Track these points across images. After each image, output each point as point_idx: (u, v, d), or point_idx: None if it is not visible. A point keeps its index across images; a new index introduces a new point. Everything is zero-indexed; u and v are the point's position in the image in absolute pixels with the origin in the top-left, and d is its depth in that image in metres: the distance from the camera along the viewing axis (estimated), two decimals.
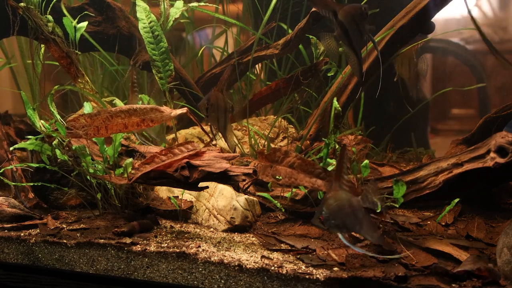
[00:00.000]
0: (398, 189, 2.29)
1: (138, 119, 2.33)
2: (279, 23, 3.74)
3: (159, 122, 2.38)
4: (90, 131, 2.32)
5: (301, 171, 2.15)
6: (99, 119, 2.31)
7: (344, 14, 2.13)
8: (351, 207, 1.83)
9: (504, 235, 1.88)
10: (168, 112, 2.34)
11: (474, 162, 2.44)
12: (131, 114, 2.32)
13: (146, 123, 2.35)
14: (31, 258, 2.29)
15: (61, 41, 3.24)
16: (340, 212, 1.81)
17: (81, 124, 2.30)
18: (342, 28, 2.14)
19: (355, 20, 2.12)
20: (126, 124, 2.35)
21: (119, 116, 2.31)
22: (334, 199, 1.84)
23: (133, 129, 2.39)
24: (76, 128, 2.31)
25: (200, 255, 2.06)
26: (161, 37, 3.19)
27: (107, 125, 2.33)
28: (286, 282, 1.89)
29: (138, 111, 2.31)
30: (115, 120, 2.32)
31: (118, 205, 2.58)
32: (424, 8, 3.07)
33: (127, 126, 2.35)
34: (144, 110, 2.32)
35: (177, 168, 2.30)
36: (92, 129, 2.33)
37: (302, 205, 2.53)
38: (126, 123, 2.34)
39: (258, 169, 2.25)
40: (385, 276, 1.82)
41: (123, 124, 2.34)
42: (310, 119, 3.43)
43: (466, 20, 3.86)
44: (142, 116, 2.32)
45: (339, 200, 1.83)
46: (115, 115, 2.31)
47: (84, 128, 2.31)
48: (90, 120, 2.31)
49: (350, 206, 1.83)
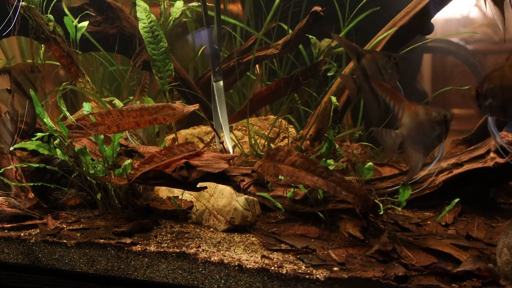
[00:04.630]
0: (404, 192, 2.29)
1: (151, 118, 2.31)
2: (279, 23, 3.74)
3: (172, 119, 2.36)
4: (100, 129, 2.31)
5: (303, 169, 2.15)
6: (110, 118, 2.30)
7: (369, 60, 2.13)
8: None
9: (504, 235, 1.88)
10: (181, 109, 2.32)
11: (474, 162, 2.45)
12: (143, 113, 2.30)
13: (159, 120, 2.33)
14: (31, 258, 2.29)
15: (62, 40, 3.25)
16: (507, 91, 1.66)
17: (91, 123, 2.30)
18: (364, 73, 2.14)
19: (379, 68, 2.11)
20: (138, 122, 2.33)
21: (131, 115, 2.30)
22: (503, 75, 1.67)
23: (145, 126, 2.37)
24: (86, 127, 2.30)
25: (200, 255, 2.06)
26: (161, 37, 3.19)
27: (119, 124, 2.32)
28: (286, 282, 1.89)
29: (150, 109, 2.30)
30: (127, 119, 2.31)
31: (118, 205, 2.58)
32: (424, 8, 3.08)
33: (139, 124, 2.34)
34: (156, 108, 2.30)
35: (176, 168, 2.30)
36: (103, 128, 2.31)
37: (302, 205, 2.53)
38: (138, 121, 2.32)
39: (263, 169, 2.24)
40: (385, 276, 1.82)
41: (135, 123, 2.33)
42: (310, 119, 3.44)
43: (466, 20, 3.86)
44: (154, 115, 2.30)
45: (510, 78, 1.66)
46: (127, 114, 2.30)
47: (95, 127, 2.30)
48: (100, 118, 2.30)
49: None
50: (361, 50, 2.18)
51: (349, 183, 2.07)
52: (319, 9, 3.15)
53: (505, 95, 1.74)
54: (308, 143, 3.27)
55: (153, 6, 3.67)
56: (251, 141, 3.25)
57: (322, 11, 3.14)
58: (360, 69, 2.17)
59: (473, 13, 3.89)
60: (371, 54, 2.16)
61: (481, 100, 1.79)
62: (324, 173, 2.10)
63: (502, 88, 1.73)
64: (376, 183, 2.69)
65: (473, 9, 3.88)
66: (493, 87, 1.75)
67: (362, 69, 2.16)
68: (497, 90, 1.74)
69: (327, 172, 2.10)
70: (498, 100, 1.75)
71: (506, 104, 1.75)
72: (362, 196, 2.06)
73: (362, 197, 2.07)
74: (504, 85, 1.73)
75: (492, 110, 1.79)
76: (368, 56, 2.15)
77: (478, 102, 1.80)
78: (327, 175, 2.10)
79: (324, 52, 3.41)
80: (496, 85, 1.74)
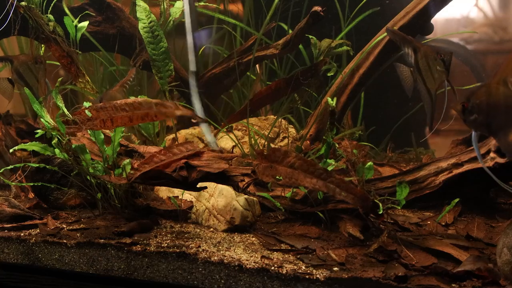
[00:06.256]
0: (401, 190, 2.29)
1: (142, 113, 2.30)
2: (279, 23, 3.74)
3: (163, 117, 2.35)
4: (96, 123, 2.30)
5: (302, 171, 2.14)
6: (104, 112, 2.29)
7: (421, 55, 2.12)
8: (509, 107, 1.61)
9: (504, 235, 1.88)
10: (173, 108, 2.31)
11: (474, 162, 2.45)
12: (135, 107, 2.29)
13: (150, 117, 2.32)
14: (31, 258, 2.29)
15: (62, 40, 3.25)
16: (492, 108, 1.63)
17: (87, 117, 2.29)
18: (417, 67, 2.13)
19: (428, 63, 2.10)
20: (131, 117, 2.32)
21: (124, 109, 2.29)
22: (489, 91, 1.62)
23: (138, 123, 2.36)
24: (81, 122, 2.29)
25: (200, 255, 2.06)
26: (161, 37, 3.19)
27: (113, 118, 2.31)
28: (286, 282, 1.89)
29: (143, 104, 2.29)
30: (120, 113, 2.29)
31: (118, 205, 2.58)
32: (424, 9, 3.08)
33: (132, 119, 2.32)
34: (149, 104, 2.30)
35: (176, 168, 2.30)
36: (99, 122, 2.31)
37: (302, 205, 2.53)
38: (131, 116, 2.31)
39: (258, 170, 2.24)
40: (385, 276, 1.82)
41: (128, 117, 2.31)
42: (310, 119, 3.44)
43: (466, 20, 3.86)
44: (146, 110, 2.29)
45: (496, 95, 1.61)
46: (120, 108, 2.29)
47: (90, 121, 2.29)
48: (96, 112, 2.29)
49: (507, 106, 1.61)
50: (418, 44, 2.15)
51: (348, 184, 2.07)
52: (319, 9, 3.15)
53: (490, 112, 1.76)
54: (308, 143, 3.27)
55: (153, 6, 3.67)
56: (251, 141, 3.25)
57: (322, 11, 3.14)
58: (415, 63, 2.14)
59: (473, 13, 3.89)
60: (424, 48, 2.13)
61: (466, 115, 1.82)
62: (323, 174, 2.10)
63: (488, 104, 1.76)
64: (376, 183, 2.69)
65: (473, 9, 3.88)
66: (479, 103, 1.78)
67: (417, 63, 2.13)
68: (483, 106, 1.77)
69: (326, 174, 2.10)
70: (483, 116, 1.77)
71: (490, 121, 1.77)
72: (362, 196, 2.06)
73: (361, 198, 2.07)
74: (490, 102, 1.75)
75: (477, 125, 1.82)
76: (422, 50, 2.12)
77: (464, 117, 1.83)
78: (326, 176, 2.09)
79: (324, 52, 3.41)
80: (482, 101, 1.77)
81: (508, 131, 1.75)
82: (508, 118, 1.74)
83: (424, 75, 2.11)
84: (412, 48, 2.16)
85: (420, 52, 2.12)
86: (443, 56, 2.06)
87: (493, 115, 1.75)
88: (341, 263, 1.98)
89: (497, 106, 1.73)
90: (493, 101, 1.73)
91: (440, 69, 2.07)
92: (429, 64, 2.10)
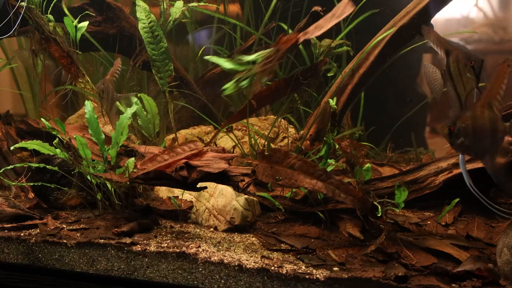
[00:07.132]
0: (400, 193, 2.28)
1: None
2: (279, 23, 3.74)
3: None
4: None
5: (302, 172, 2.14)
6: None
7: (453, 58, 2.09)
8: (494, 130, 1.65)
9: (504, 235, 1.88)
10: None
11: (474, 162, 2.44)
12: None
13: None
14: (31, 258, 2.29)
15: (62, 40, 3.25)
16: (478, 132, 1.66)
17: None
18: (448, 71, 2.11)
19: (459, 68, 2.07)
20: None
21: None
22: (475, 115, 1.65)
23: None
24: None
25: (200, 255, 2.06)
26: (161, 37, 3.19)
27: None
28: (286, 282, 1.89)
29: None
30: None
31: (118, 205, 2.58)
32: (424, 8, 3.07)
33: None
34: None
35: (176, 168, 2.30)
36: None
37: (302, 205, 2.53)
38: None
39: (258, 170, 2.24)
40: (385, 276, 1.82)
41: None
42: (310, 119, 3.43)
43: (466, 20, 3.86)
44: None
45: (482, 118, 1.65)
46: None
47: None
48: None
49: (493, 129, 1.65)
50: (450, 47, 2.11)
51: (348, 186, 2.07)
52: (319, 9, 3.14)
53: (476, 135, 1.79)
54: (308, 143, 3.27)
55: (153, 6, 3.67)
56: (251, 141, 3.24)
57: (322, 11, 3.14)
58: (447, 66, 2.12)
59: (473, 13, 3.89)
60: (456, 53, 2.09)
61: (453, 139, 1.84)
62: (323, 175, 2.10)
63: (474, 128, 1.78)
64: (376, 183, 2.69)
65: (473, 9, 3.88)
66: (465, 126, 1.80)
67: (448, 66, 2.11)
68: (469, 130, 1.79)
69: (325, 175, 2.10)
70: (470, 140, 1.80)
71: (476, 144, 1.80)
72: (361, 198, 2.07)
73: (360, 199, 2.07)
74: (475, 126, 1.78)
75: (463, 148, 1.84)
76: (454, 54, 2.09)
77: (450, 140, 1.85)
78: (326, 177, 2.09)
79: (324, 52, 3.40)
80: (468, 125, 1.79)
81: (494, 155, 1.79)
82: (493, 142, 1.77)
83: (455, 80, 2.08)
84: (445, 51, 2.13)
85: (452, 55, 2.08)
86: (474, 63, 2.02)
87: (479, 138, 1.78)
88: (341, 263, 1.98)
89: (483, 130, 1.77)
90: (478, 124, 1.77)
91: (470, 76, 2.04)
92: (459, 69, 2.07)
